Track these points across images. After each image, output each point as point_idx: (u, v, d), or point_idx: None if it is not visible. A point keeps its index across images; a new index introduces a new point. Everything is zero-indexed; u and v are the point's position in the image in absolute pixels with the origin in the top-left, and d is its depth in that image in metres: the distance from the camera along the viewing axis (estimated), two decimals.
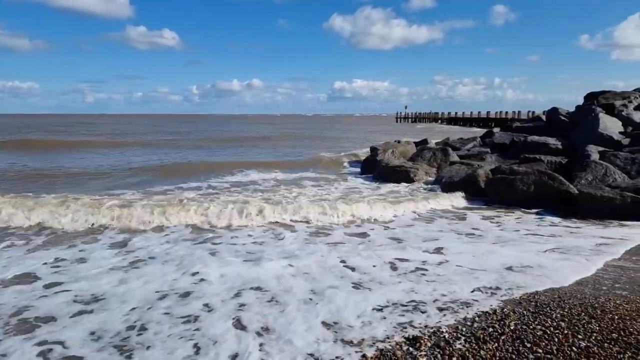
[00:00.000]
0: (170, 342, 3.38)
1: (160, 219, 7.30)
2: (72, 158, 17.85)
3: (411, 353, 3.08)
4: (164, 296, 4.30)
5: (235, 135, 35.03)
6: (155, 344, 3.35)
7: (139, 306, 4.05)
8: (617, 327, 3.34)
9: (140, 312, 3.93)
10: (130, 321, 3.74)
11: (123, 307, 4.02)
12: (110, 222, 7.16)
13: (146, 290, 4.44)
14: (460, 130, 43.40)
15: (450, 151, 13.21)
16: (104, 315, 3.87)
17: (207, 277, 4.79)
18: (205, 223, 7.29)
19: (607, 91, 14.12)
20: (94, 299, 4.26)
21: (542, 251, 5.74)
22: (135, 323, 3.70)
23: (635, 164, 9.16)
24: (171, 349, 3.27)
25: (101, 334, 3.53)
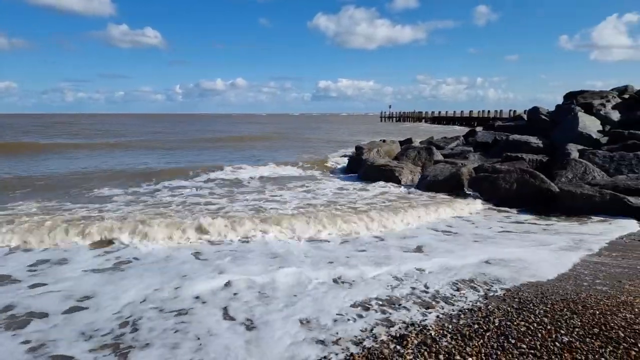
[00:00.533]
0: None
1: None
2: (17, 163, 15.93)
3: (398, 351, 3.11)
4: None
5: (216, 136, 33.79)
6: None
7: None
8: (599, 322, 3.42)
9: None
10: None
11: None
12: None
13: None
14: (443, 129, 43.86)
15: (434, 150, 13.35)
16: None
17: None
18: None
19: (585, 91, 14.42)
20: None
21: (521, 247, 5.84)
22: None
23: (614, 162, 9.38)
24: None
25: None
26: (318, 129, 49.60)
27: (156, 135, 35.22)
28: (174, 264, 5.38)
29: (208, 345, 3.35)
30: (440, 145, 15.73)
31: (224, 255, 5.74)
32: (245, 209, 8.24)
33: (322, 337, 3.43)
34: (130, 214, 7.55)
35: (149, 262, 5.47)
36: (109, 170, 14.04)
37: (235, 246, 6.22)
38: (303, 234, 6.70)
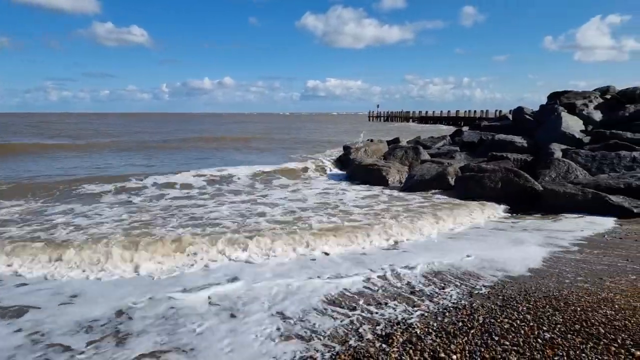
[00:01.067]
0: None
1: None
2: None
3: (384, 349, 3.14)
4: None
5: (203, 136, 32.32)
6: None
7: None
8: (580, 318, 3.49)
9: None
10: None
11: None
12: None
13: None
14: (431, 128, 44.14)
15: (421, 150, 13.45)
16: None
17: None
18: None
19: (569, 91, 14.65)
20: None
21: (504, 243, 5.94)
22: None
23: (596, 161, 9.56)
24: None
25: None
26: (307, 129, 49.36)
27: (133, 136, 33.19)
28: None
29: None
30: (427, 144, 15.85)
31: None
32: (229, 217, 8.16)
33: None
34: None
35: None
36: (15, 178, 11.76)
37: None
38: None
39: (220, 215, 7.89)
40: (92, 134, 35.34)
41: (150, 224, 7.10)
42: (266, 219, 7.54)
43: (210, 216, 7.79)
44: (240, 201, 9.29)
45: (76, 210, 8.20)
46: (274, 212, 8.12)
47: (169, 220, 7.46)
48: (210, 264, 5.34)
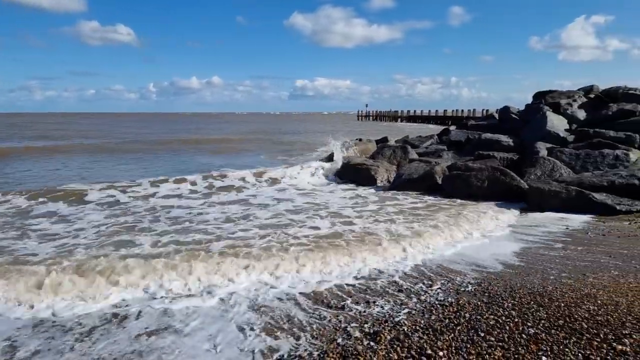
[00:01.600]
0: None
1: None
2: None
3: (371, 347, 3.17)
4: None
5: (191, 137, 30.71)
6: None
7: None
8: (563, 314, 3.56)
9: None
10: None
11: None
12: None
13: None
14: (419, 128, 44.39)
15: (409, 149, 13.53)
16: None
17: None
18: None
19: (554, 90, 14.85)
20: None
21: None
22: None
23: (580, 160, 9.71)
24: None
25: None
26: (299, 127, 49.22)
27: (106, 137, 30.90)
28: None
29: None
30: (415, 144, 15.94)
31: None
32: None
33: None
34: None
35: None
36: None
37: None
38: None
39: (204, 218, 7.84)
40: (61, 135, 33.40)
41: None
42: (254, 224, 7.12)
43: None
44: (227, 202, 9.25)
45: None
46: (261, 215, 8.03)
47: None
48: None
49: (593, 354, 2.94)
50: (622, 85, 13.59)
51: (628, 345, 3.03)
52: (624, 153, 9.45)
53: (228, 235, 6.40)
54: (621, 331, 3.22)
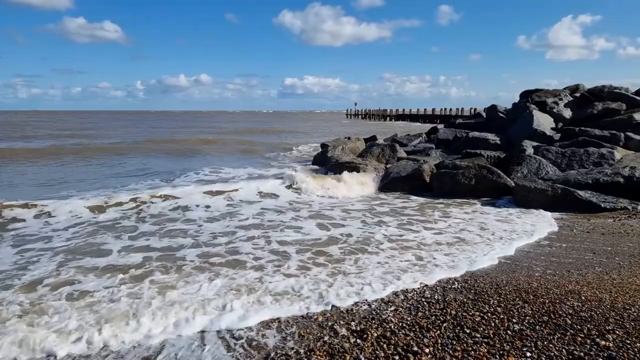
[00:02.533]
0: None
1: None
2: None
3: (358, 345, 3.16)
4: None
5: (174, 138, 27.27)
6: None
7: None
8: (548, 310, 3.59)
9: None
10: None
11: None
12: None
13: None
14: (407, 126, 44.57)
15: (397, 147, 13.58)
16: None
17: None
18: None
19: (540, 89, 14.99)
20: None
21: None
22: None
23: (565, 158, 9.82)
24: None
25: None
26: (291, 126, 49.02)
27: (77, 138, 26.90)
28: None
29: None
30: (403, 142, 16.00)
31: None
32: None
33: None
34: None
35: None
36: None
37: None
38: None
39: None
40: (28, 136, 29.94)
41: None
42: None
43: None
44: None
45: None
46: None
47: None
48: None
49: (577, 349, 2.97)
50: (607, 84, 13.76)
51: (611, 340, 3.06)
52: (609, 151, 9.58)
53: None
54: (605, 327, 3.26)
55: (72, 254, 5.44)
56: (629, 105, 12.49)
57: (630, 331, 3.18)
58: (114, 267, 4.99)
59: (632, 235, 6.00)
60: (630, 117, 11.66)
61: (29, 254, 5.46)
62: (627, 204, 7.50)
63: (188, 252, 5.54)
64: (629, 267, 4.64)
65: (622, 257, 5.06)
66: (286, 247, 5.76)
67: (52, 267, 4.93)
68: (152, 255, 5.37)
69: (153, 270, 4.83)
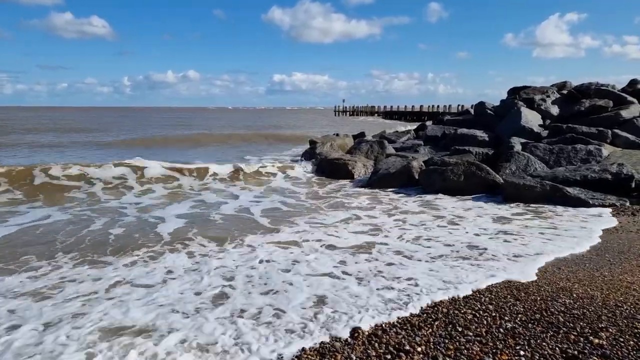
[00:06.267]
0: None
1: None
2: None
3: (349, 344, 3.08)
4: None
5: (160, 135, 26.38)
6: None
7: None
8: (540, 307, 3.55)
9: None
10: None
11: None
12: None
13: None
14: (395, 123, 44.63)
15: (386, 144, 13.52)
16: None
17: None
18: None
19: (528, 86, 15.03)
20: None
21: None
22: None
23: (553, 155, 9.85)
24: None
25: None
26: (284, 122, 48.73)
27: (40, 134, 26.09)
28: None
29: None
30: (392, 139, 15.96)
31: None
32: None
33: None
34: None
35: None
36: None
37: None
38: None
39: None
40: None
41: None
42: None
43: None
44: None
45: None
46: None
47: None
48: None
49: (570, 347, 2.93)
50: (593, 82, 13.86)
51: (604, 338, 3.03)
52: (597, 148, 9.62)
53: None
54: (597, 324, 3.23)
55: None
56: (616, 102, 12.58)
57: (623, 329, 3.15)
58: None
59: (621, 232, 6.00)
60: (617, 114, 11.74)
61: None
62: (615, 200, 7.53)
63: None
64: (619, 264, 4.63)
65: (612, 253, 5.05)
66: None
67: None
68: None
69: None
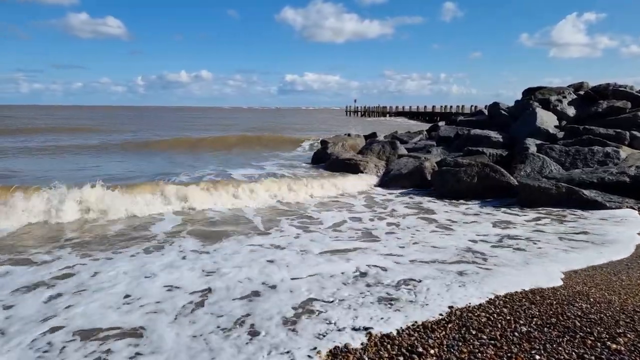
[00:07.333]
0: None
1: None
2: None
3: (362, 344, 3.05)
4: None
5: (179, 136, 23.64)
6: None
7: None
8: (556, 311, 3.48)
9: None
10: None
11: None
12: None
13: None
14: (407, 123, 44.42)
15: (398, 144, 13.43)
16: None
17: None
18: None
19: (543, 87, 14.84)
20: None
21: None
22: None
23: (570, 156, 9.70)
24: None
25: None
26: (287, 122, 48.69)
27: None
28: None
29: None
30: (404, 139, 15.87)
31: None
32: None
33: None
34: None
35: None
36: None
37: None
38: None
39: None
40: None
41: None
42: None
43: None
44: None
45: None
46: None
47: None
48: None
49: (587, 352, 2.87)
50: (611, 83, 13.62)
51: (622, 344, 2.96)
52: (614, 150, 9.45)
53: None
54: (615, 330, 3.16)
55: None
56: (634, 103, 12.34)
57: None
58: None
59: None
60: (636, 115, 11.50)
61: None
62: (633, 204, 7.38)
63: None
64: (637, 268, 4.54)
65: (630, 258, 4.95)
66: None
67: None
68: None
69: None
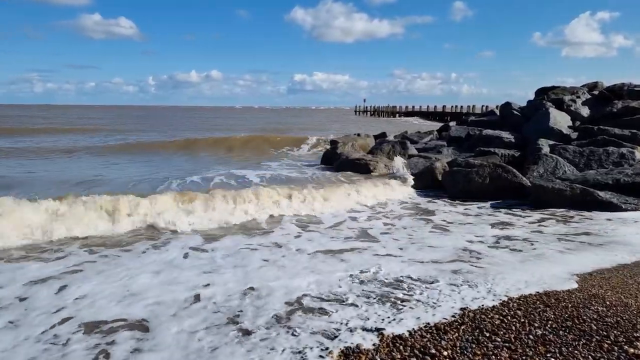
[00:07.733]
0: None
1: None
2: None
3: (374, 345, 3.03)
4: None
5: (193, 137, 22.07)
6: None
7: None
8: (571, 315, 3.42)
9: None
10: None
11: None
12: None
13: None
14: (417, 123, 44.22)
15: (408, 144, 13.36)
16: None
17: None
18: None
19: (556, 87, 14.68)
20: None
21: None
22: None
23: (584, 157, 9.56)
24: None
25: None
26: (297, 121, 48.72)
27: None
28: None
29: None
30: (414, 139, 15.80)
31: None
32: None
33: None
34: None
35: None
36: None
37: None
38: None
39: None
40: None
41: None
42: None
43: None
44: None
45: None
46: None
47: None
48: None
49: (604, 356, 2.81)
50: (627, 82, 13.42)
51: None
52: (630, 151, 9.30)
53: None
54: (632, 333, 3.09)
55: None
56: None
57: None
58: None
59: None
60: None
61: None
62: None
63: None
64: None
65: None
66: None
67: None
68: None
69: None
